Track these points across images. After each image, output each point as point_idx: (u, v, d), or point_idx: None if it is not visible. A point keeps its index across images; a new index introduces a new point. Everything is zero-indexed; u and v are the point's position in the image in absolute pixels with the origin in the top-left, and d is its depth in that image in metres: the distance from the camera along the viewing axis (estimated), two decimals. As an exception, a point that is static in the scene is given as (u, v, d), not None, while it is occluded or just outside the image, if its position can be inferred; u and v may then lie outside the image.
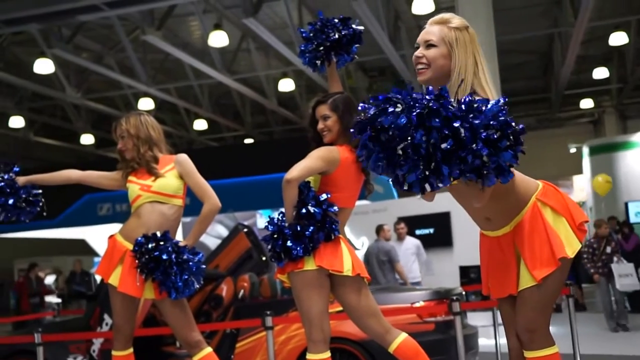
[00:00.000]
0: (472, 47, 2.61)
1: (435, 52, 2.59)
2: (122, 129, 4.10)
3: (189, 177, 4.05)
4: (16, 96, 17.14)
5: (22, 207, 4.38)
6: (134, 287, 3.89)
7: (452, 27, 2.62)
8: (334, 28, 3.89)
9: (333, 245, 3.48)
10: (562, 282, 2.75)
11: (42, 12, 10.91)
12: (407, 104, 2.12)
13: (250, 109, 19.75)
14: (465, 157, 2.10)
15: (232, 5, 12.56)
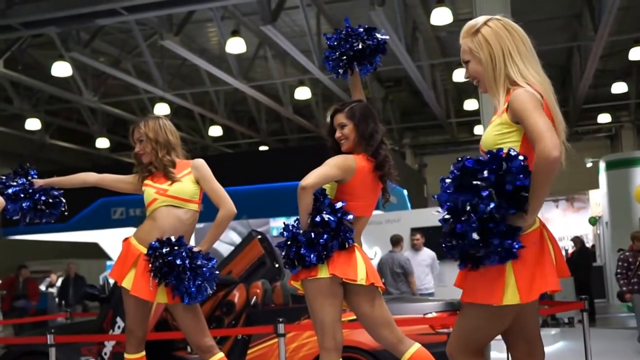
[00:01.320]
0: (496, 39, 2.66)
1: (472, 66, 2.74)
2: (141, 132, 4.09)
3: (205, 182, 4.04)
4: (33, 98, 17.29)
5: (42, 210, 4.41)
6: (147, 290, 3.89)
7: (473, 33, 2.70)
8: (359, 38, 3.90)
9: (347, 254, 3.46)
10: (485, 324, 2.68)
11: (61, 15, 11.01)
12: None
13: (266, 116, 19.86)
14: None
15: (250, 12, 12.63)
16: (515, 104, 2.54)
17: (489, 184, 2.38)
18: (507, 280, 2.53)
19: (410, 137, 23.76)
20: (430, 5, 12.10)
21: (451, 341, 2.78)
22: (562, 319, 12.10)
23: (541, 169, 2.42)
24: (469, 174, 2.42)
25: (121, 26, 13.06)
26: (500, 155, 2.41)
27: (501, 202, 2.37)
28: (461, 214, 2.41)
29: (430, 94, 15.86)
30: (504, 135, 2.60)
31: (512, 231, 2.43)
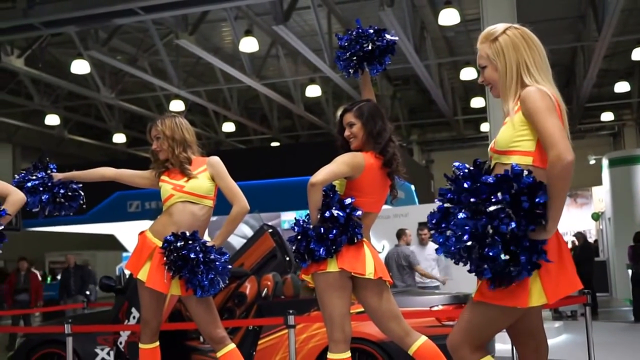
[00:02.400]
0: (513, 49, 2.68)
1: (488, 72, 2.76)
2: (158, 130, 4.13)
3: (220, 179, 4.08)
4: (53, 95, 17.54)
5: (61, 203, 4.48)
6: (161, 283, 3.91)
7: (492, 41, 2.73)
8: (368, 39, 3.95)
9: (356, 249, 3.50)
10: (497, 322, 2.71)
11: (80, 15, 11.18)
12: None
13: (278, 113, 20.00)
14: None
15: (263, 12, 12.83)
16: (527, 102, 2.55)
17: (505, 205, 2.40)
18: (531, 283, 2.52)
19: (418, 134, 23.90)
20: (438, 6, 12.32)
21: (454, 335, 2.76)
22: (565, 312, 12.14)
23: (557, 174, 2.43)
24: (483, 200, 2.44)
25: (138, 25, 13.27)
26: (508, 175, 2.43)
27: (520, 220, 2.39)
28: (484, 238, 2.42)
29: (437, 92, 16.00)
30: (520, 134, 2.60)
31: (536, 244, 2.44)
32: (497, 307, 2.59)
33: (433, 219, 2.61)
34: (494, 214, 2.40)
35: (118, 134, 20.43)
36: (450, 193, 2.55)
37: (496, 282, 2.50)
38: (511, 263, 2.42)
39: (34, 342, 6.16)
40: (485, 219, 2.41)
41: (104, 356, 5.86)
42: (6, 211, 3.75)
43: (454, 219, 2.51)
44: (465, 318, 2.74)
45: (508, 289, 2.51)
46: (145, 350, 4.14)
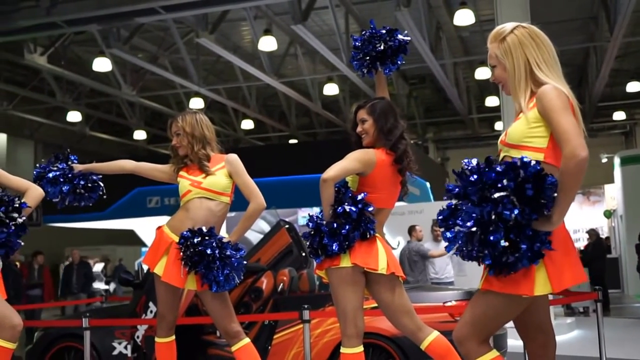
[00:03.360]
0: (521, 48, 2.72)
1: (498, 72, 2.82)
2: (178, 126, 4.14)
3: (238, 176, 4.10)
4: (75, 92, 17.71)
5: (82, 194, 4.51)
6: (177, 277, 3.93)
7: (500, 41, 2.77)
8: (380, 39, 4.00)
9: (369, 244, 3.52)
10: (503, 313, 2.72)
11: (103, 13, 11.32)
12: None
13: (296, 111, 20.05)
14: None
15: (281, 12, 12.92)
16: (544, 99, 2.57)
17: (510, 192, 2.41)
18: (537, 271, 2.53)
19: (433, 132, 23.91)
20: (454, 7, 12.38)
21: (461, 327, 2.77)
22: (577, 309, 12.12)
23: (570, 170, 2.44)
24: (489, 186, 2.46)
25: (159, 24, 13.40)
26: (516, 163, 2.44)
27: (524, 208, 2.40)
28: (488, 225, 2.44)
29: (452, 90, 16.03)
30: (532, 130, 2.62)
31: (539, 234, 2.47)
32: (503, 296, 2.61)
33: (441, 216, 2.65)
34: (498, 200, 2.43)
35: (139, 131, 20.60)
36: (458, 188, 2.59)
37: (495, 269, 2.53)
38: (510, 250, 2.44)
39: (52, 336, 6.18)
40: (490, 205, 2.44)
41: (121, 350, 5.89)
42: (26, 204, 3.79)
43: (460, 215, 2.55)
44: (471, 310, 2.76)
45: (514, 278, 2.54)
46: (162, 344, 4.17)
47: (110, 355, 5.90)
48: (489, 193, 2.45)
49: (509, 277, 2.54)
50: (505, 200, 2.42)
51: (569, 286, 2.63)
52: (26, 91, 16.92)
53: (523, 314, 2.79)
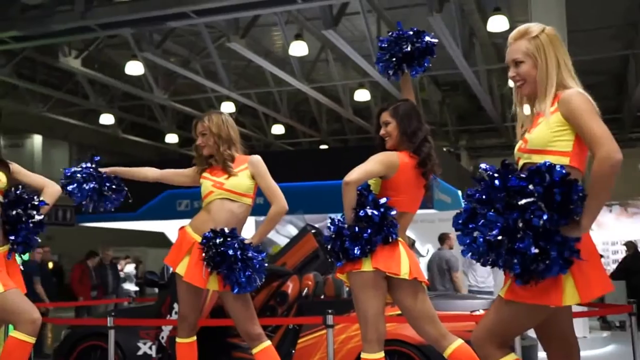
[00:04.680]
0: (552, 47, 2.70)
1: (524, 68, 2.74)
2: (205, 126, 4.13)
3: (260, 178, 4.10)
4: (108, 95, 17.97)
5: (107, 195, 4.48)
6: (199, 278, 3.94)
7: (531, 38, 2.72)
8: (407, 40, 3.97)
9: (391, 248, 3.50)
10: (525, 322, 2.69)
11: (136, 17, 11.40)
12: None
13: (327, 116, 20.09)
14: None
15: (313, 17, 12.92)
16: (570, 103, 2.55)
17: (538, 197, 2.38)
18: (564, 281, 2.49)
19: (466, 140, 23.72)
20: (487, 12, 12.22)
21: (480, 331, 2.74)
22: (613, 322, 11.95)
23: (604, 173, 2.41)
24: (514, 192, 2.43)
25: (191, 29, 13.52)
26: (541, 168, 2.42)
27: (552, 214, 2.37)
28: (515, 232, 2.40)
29: (486, 98, 15.87)
30: (557, 134, 2.59)
31: (568, 241, 2.42)
32: (527, 305, 2.57)
33: (459, 220, 2.61)
34: (526, 207, 2.39)
35: (170, 134, 20.79)
36: (479, 193, 2.54)
37: (524, 277, 2.48)
38: (540, 257, 2.39)
39: (79, 335, 6.28)
40: (517, 212, 2.40)
41: (146, 350, 5.94)
42: (45, 202, 3.82)
43: (482, 220, 2.50)
44: (492, 315, 2.73)
45: (541, 287, 2.49)
46: (183, 344, 4.17)
47: (135, 355, 5.96)
48: (515, 200, 2.41)
49: (536, 286, 2.49)
50: (533, 206, 2.38)
51: (597, 297, 2.59)
52: (61, 94, 17.16)
53: (546, 325, 2.75)
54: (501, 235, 2.43)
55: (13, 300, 3.50)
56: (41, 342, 10.25)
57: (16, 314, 3.50)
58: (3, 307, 3.49)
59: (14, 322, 3.53)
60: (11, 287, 3.51)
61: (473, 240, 2.55)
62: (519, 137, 2.82)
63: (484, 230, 2.49)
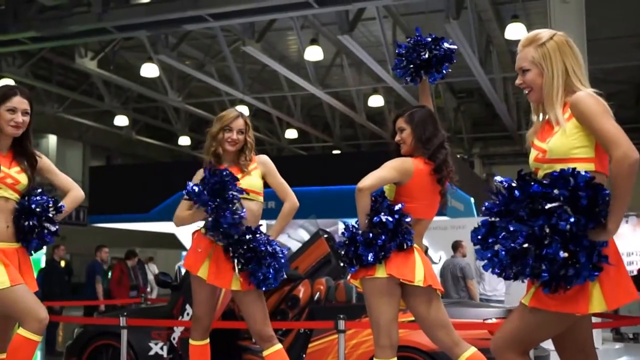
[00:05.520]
0: (559, 54, 2.67)
1: (530, 76, 2.72)
2: (246, 123, 4.12)
3: (272, 177, 4.11)
4: (122, 97, 18.05)
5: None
6: (222, 278, 3.91)
7: (538, 45, 2.70)
8: (426, 47, 3.94)
9: (406, 255, 3.47)
10: (548, 329, 2.65)
11: (152, 20, 11.47)
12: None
13: (340, 121, 20.12)
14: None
15: (329, 22, 12.94)
16: (581, 106, 2.54)
17: (563, 201, 2.36)
18: (591, 289, 2.46)
19: (480, 147, 23.65)
20: (505, 20, 12.23)
21: (501, 338, 2.70)
22: (626, 334, 11.85)
23: (624, 173, 2.39)
24: (539, 198, 2.40)
25: (206, 32, 13.60)
26: (565, 173, 2.40)
27: (579, 218, 2.35)
28: (542, 239, 2.37)
29: (501, 106, 15.81)
30: (576, 141, 2.57)
31: (595, 246, 2.39)
32: (553, 313, 2.53)
33: (479, 235, 2.57)
34: (552, 211, 2.36)
35: (183, 137, 20.89)
36: (497, 206, 2.52)
37: (552, 285, 2.43)
38: (570, 262, 2.36)
39: (91, 333, 6.30)
40: (543, 218, 2.37)
41: (157, 350, 5.95)
42: (64, 207, 3.74)
43: (502, 232, 2.47)
44: (514, 323, 2.69)
45: (567, 295, 2.45)
46: (196, 346, 4.16)
47: (146, 355, 5.98)
48: (540, 205, 2.38)
49: (563, 294, 2.45)
50: (559, 210, 2.35)
51: (624, 304, 2.56)
52: (76, 94, 17.27)
53: (566, 334, 2.72)
54: (527, 243, 2.39)
55: (20, 297, 3.45)
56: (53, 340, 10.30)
57: (22, 311, 3.45)
58: (9, 303, 3.44)
59: (20, 319, 3.48)
60: (19, 283, 3.48)
61: (494, 254, 2.52)
62: (528, 138, 2.82)
63: (506, 243, 2.45)
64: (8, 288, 3.42)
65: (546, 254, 2.37)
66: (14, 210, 3.60)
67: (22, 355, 3.46)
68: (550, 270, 2.39)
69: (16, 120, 3.57)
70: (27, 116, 3.62)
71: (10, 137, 3.63)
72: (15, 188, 3.62)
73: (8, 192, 3.58)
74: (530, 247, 2.40)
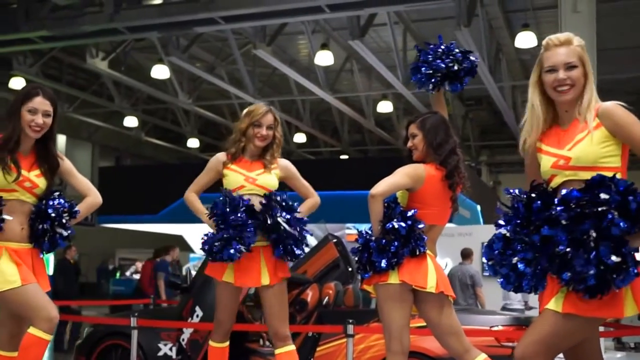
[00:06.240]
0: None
1: (577, 73, 2.71)
2: (272, 119, 4.11)
3: (295, 179, 4.16)
4: (133, 97, 18.09)
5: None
6: (251, 278, 3.96)
7: (580, 46, 2.73)
8: (454, 59, 3.94)
9: (418, 261, 3.51)
10: (577, 335, 2.63)
11: (163, 22, 11.48)
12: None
13: (348, 126, 20.11)
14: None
15: (340, 27, 12.94)
16: (616, 117, 2.57)
17: (612, 206, 2.36)
18: (624, 293, 2.48)
19: (487, 155, 23.65)
20: (515, 28, 12.24)
21: (530, 344, 2.64)
22: (628, 344, 11.83)
23: None
24: (587, 202, 2.40)
25: (218, 34, 13.56)
26: (604, 179, 2.41)
27: (628, 222, 2.36)
28: (587, 243, 2.37)
29: (510, 114, 15.76)
30: (605, 150, 2.58)
31: (632, 251, 2.41)
32: (587, 319, 2.52)
33: (495, 250, 2.58)
34: (601, 215, 2.35)
35: (192, 139, 20.91)
36: (516, 218, 2.52)
37: (594, 290, 2.41)
38: (621, 266, 2.35)
39: (101, 333, 6.35)
40: (588, 223, 2.36)
41: (166, 351, 6.00)
42: (78, 212, 3.75)
43: (520, 246, 2.47)
44: (544, 329, 2.63)
45: (603, 299, 2.44)
46: (216, 348, 4.17)
47: (155, 355, 6.03)
48: (588, 209, 2.37)
49: (598, 299, 2.45)
50: (609, 214, 2.35)
51: None
52: (86, 95, 17.31)
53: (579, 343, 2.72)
54: (570, 248, 2.39)
55: (31, 296, 3.47)
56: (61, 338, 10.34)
57: (33, 310, 3.47)
58: (20, 301, 3.46)
59: (30, 318, 3.49)
60: (30, 282, 3.49)
61: (512, 268, 2.52)
62: (530, 140, 2.82)
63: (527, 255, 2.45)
64: (19, 287, 3.44)
65: (595, 258, 2.35)
66: (30, 212, 3.62)
67: (33, 354, 3.47)
68: (597, 275, 2.37)
69: (36, 121, 3.55)
70: (48, 118, 3.60)
71: (32, 139, 3.63)
72: (33, 192, 3.64)
73: (25, 196, 3.61)
74: (572, 252, 2.39)
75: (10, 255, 3.50)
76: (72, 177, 3.87)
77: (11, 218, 3.50)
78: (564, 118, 2.77)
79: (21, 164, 3.57)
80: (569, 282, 2.46)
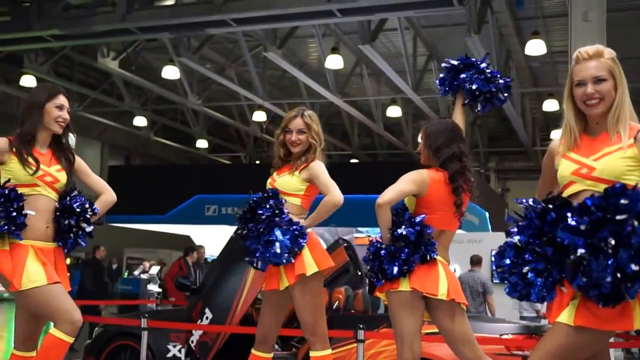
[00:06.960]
0: (624, 77, 2.69)
1: (607, 86, 2.67)
2: (302, 123, 3.97)
3: (315, 178, 3.87)
4: (142, 97, 18.12)
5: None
6: (270, 281, 3.87)
7: (611, 59, 2.69)
8: (497, 84, 4.02)
9: (430, 268, 3.50)
10: (589, 347, 2.61)
11: (175, 22, 11.52)
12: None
13: (358, 130, 20.11)
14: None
15: (350, 31, 12.97)
16: None
17: (632, 215, 2.35)
18: (633, 305, 2.46)
19: (496, 162, 23.66)
20: (525, 36, 12.24)
21: (539, 358, 2.63)
22: (637, 354, 11.78)
23: None
24: (604, 210, 2.40)
25: (229, 36, 13.64)
26: (624, 189, 2.41)
27: None
28: (606, 249, 2.36)
29: (518, 121, 15.77)
30: (630, 168, 2.58)
31: None
32: (597, 331, 2.51)
33: (506, 259, 2.57)
34: (621, 223, 2.35)
35: (201, 140, 20.94)
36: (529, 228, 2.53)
37: (608, 298, 2.40)
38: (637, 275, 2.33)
39: (111, 333, 6.38)
40: (606, 231, 2.36)
41: (175, 353, 6.00)
42: (97, 210, 3.76)
43: (531, 256, 2.47)
44: (556, 341, 2.60)
45: (613, 312, 2.44)
46: (259, 357, 4.05)
47: (164, 357, 6.04)
48: (610, 215, 2.37)
49: (605, 312, 2.44)
50: (630, 222, 2.34)
51: None
52: (97, 94, 17.37)
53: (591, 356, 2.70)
54: (588, 254, 2.38)
55: (55, 296, 3.47)
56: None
57: (57, 311, 3.47)
58: (44, 301, 3.46)
59: (54, 319, 3.49)
60: (55, 282, 3.51)
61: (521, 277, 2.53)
62: (554, 145, 2.84)
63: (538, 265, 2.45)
64: (45, 286, 3.45)
65: (614, 266, 2.35)
66: (55, 210, 3.65)
67: (54, 355, 3.46)
68: (614, 283, 2.36)
69: (64, 116, 3.67)
70: (68, 114, 3.73)
71: (50, 135, 3.69)
72: (54, 187, 3.66)
73: (47, 191, 3.62)
74: (590, 258, 2.38)
75: (36, 254, 3.52)
76: (86, 176, 3.90)
77: (33, 213, 3.50)
78: (595, 129, 2.76)
79: (40, 160, 3.61)
80: (583, 288, 2.44)
